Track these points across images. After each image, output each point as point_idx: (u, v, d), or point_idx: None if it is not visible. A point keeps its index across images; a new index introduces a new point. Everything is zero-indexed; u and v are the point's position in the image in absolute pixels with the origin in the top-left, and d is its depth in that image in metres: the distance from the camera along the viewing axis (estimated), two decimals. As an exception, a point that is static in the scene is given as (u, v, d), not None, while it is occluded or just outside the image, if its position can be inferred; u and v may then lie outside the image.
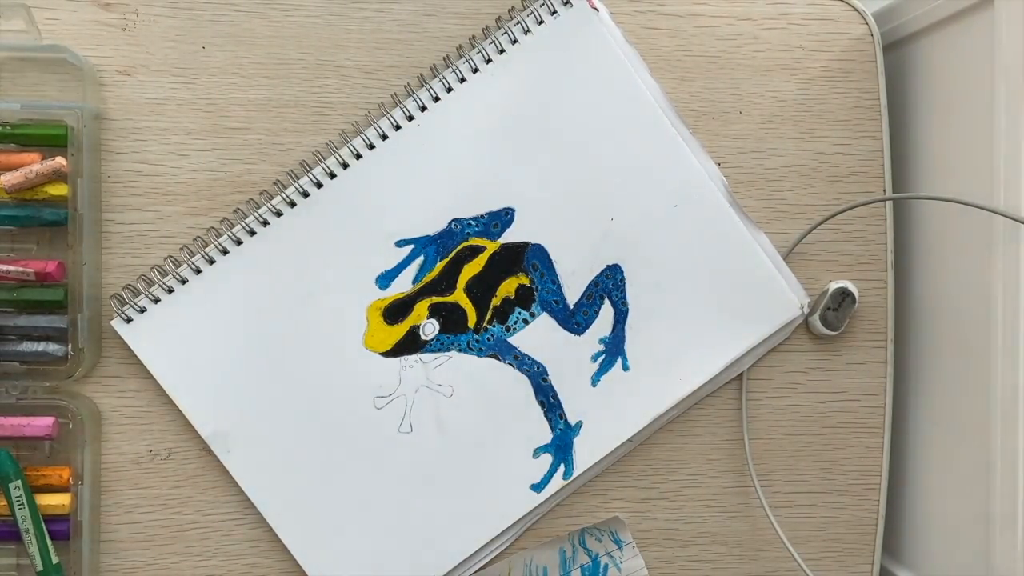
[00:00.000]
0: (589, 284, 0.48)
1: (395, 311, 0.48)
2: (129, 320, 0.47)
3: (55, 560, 0.45)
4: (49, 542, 0.46)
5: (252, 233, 0.47)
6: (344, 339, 0.48)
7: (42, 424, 0.46)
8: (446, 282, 0.48)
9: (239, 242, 0.47)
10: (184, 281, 0.47)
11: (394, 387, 0.48)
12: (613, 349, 0.49)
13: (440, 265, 0.48)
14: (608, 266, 0.48)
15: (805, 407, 0.50)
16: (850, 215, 0.49)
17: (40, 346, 0.46)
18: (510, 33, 0.47)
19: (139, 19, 0.47)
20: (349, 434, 0.48)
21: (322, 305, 0.47)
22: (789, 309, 0.49)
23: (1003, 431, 0.42)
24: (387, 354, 0.48)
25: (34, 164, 0.45)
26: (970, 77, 0.45)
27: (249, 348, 0.47)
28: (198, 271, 0.47)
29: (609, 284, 0.48)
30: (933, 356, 0.49)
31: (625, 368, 0.49)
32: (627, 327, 0.49)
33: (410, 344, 0.48)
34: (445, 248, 0.48)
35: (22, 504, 0.45)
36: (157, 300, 0.47)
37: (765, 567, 0.50)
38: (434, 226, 0.48)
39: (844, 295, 0.48)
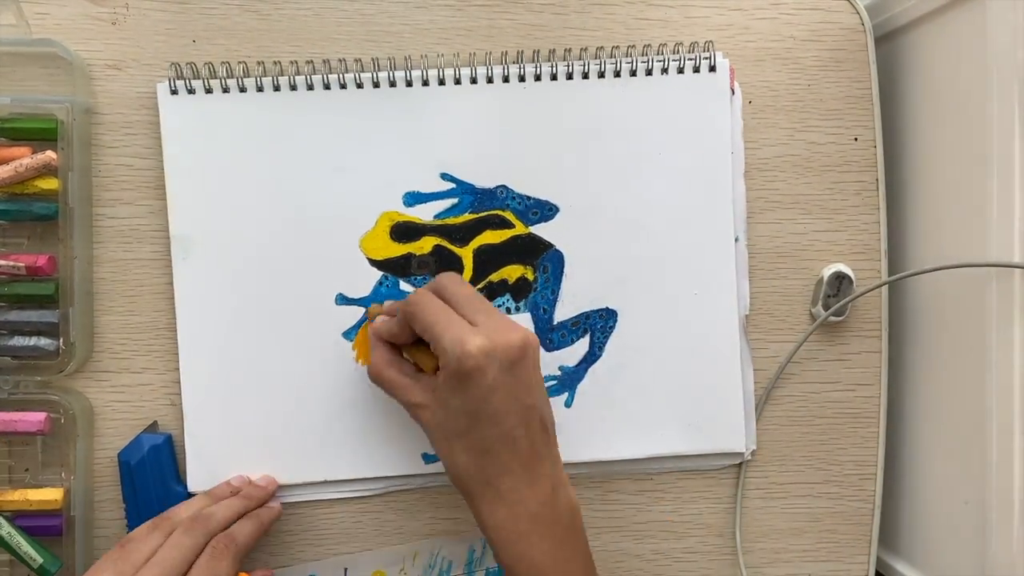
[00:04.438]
0: (581, 313, 0.48)
1: (404, 231, 0.48)
2: (174, 92, 0.47)
3: (40, 560, 0.45)
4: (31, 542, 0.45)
5: (327, 87, 0.47)
6: (345, 225, 0.47)
7: (34, 419, 0.45)
8: (463, 234, 0.48)
9: (311, 87, 0.47)
10: (243, 90, 0.47)
11: (363, 294, 0.48)
12: (567, 381, 0.48)
13: (467, 216, 0.48)
14: (607, 308, 0.48)
15: (800, 397, 0.50)
16: (843, 204, 0.49)
17: (31, 341, 0.46)
18: (650, 63, 0.48)
19: (129, 13, 0.47)
20: (297, 311, 0.47)
21: (343, 185, 0.47)
22: (734, 444, 0.49)
23: (999, 421, 0.42)
24: (375, 263, 0.48)
25: (24, 158, 0.45)
26: (962, 67, 0.45)
27: (257, 181, 0.47)
28: (260, 89, 0.47)
29: (598, 324, 0.48)
30: (928, 345, 0.49)
31: (567, 404, 0.48)
32: (591, 370, 0.48)
33: (400, 267, 0.48)
34: (481, 205, 0.48)
35: None
36: (209, 91, 0.47)
37: (760, 559, 0.50)
38: (483, 181, 0.48)
39: (840, 279, 0.48)
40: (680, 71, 0.48)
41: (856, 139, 0.49)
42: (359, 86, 0.47)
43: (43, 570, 0.45)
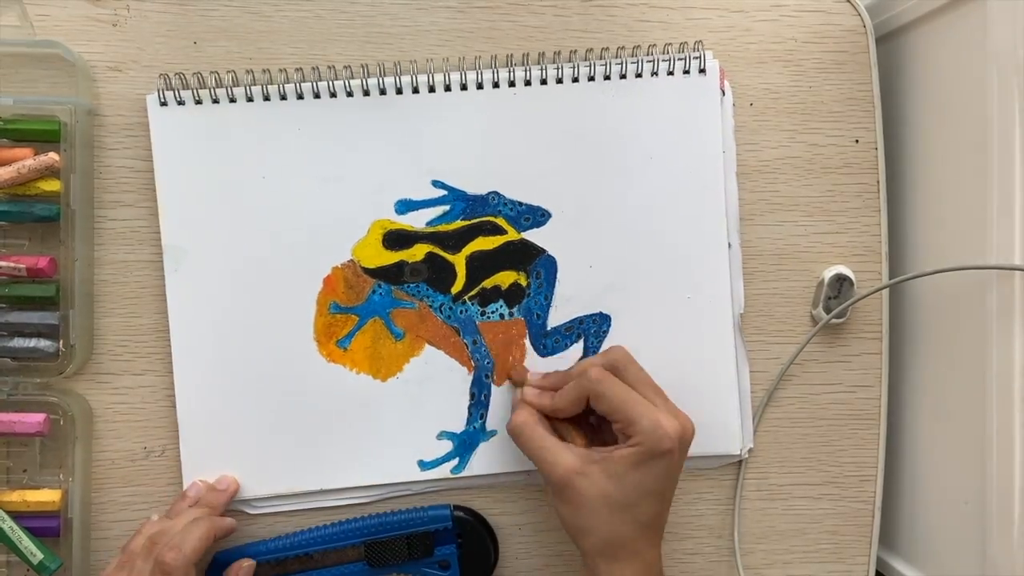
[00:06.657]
0: (575, 319, 0.48)
1: (396, 239, 0.48)
2: (164, 104, 0.46)
3: (40, 556, 0.45)
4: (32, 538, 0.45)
5: (316, 96, 0.47)
6: (338, 234, 0.47)
7: (33, 421, 0.45)
8: (455, 241, 0.48)
9: (300, 96, 0.47)
10: (233, 100, 0.47)
11: (356, 302, 0.48)
12: None
13: (459, 223, 0.48)
14: (600, 313, 0.48)
15: (801, 399, 0.50)
16: (844, 206, 0.49)
17: (31, 342, 0.46)
18: (640, 66, 0.48)
19: (130, 15, 0.47)
20: (291, 320, 0.47)
21: (335, 194, 0.47)
22: (730, 446, 0.49)
23: (999, 422, 0.42)
24: (368, 271, 0.48)
25: (27, 159, 0.45)
26: (963, 67, 0.45)
27: (249, 191, 0.47)
28: (250, 99, 0.47)
29: (592, 329, 0.48)
30: (929, 347, 0.49)
31: None
32: None
33: (393, 274, 0.48)
34: (472, 211, 0.48)
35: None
36: (199, 102, 0.46)
37: (761, 559, 0.50)
38: (474, 187, 0.48)
39: (841, 280, 0.48)
40: (670, 73, 0.48)
41: (857, 141, 0.49)
42: (349, 94, 0.47)
43: (42, 566, 0.45)
